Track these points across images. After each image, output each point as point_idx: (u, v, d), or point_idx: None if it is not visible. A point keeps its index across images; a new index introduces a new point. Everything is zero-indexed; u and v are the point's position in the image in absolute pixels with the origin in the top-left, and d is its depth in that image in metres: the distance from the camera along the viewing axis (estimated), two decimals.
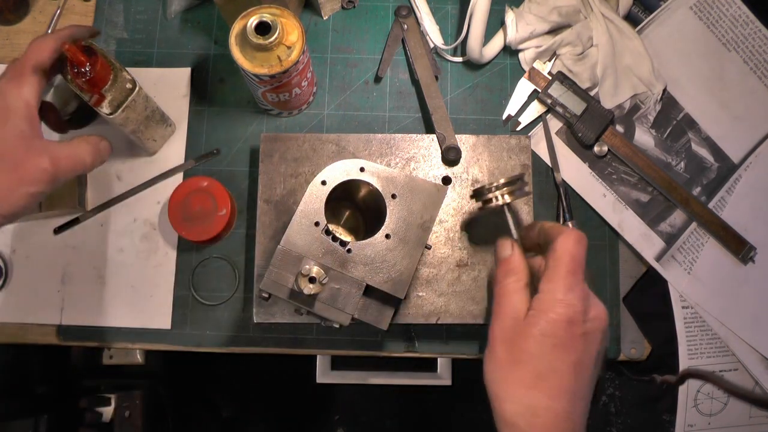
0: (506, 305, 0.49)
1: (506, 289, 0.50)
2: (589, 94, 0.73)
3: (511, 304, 0.49)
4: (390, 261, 0.57)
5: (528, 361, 0.46)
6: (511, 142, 0.69)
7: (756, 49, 0.76)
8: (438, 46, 0.75)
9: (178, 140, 0.74)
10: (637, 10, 0.77)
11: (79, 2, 0.79)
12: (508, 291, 0.50)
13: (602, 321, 0.48)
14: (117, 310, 0.71)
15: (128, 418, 0.94)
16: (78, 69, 0.58)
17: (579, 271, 0.47)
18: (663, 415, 0.75)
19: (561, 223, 0.72)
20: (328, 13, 0.77)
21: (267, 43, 0.60)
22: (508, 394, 0.46)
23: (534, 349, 0.46)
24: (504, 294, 0.50)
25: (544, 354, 0.45)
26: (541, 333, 0.46)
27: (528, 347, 0.46)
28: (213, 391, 1.41)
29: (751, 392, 0.67)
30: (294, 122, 0.75)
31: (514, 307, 0.49)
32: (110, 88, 0.61)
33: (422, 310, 0.65)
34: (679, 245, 0.72)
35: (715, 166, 0.75)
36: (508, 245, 0.53)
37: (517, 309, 0.48)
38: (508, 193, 0.56)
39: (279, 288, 0.55)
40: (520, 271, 0.51)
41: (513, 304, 0.49)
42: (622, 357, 0.71)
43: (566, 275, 0.47)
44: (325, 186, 0.58)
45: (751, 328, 0.72)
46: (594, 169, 0.74)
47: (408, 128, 0.75)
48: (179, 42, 0.77)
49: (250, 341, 0.70)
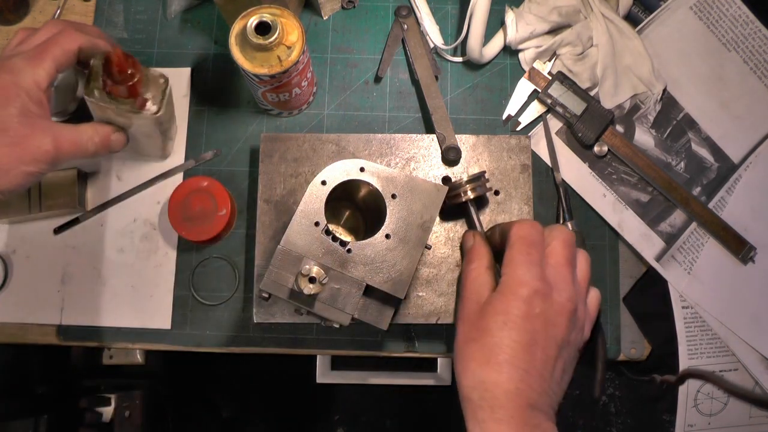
0: (469, 289, 0.52)
1: (470, 274, 0.53)
2: (589, 94, 0.73)
3: (474, 287, 0.51)
4: (390, 261, 0.57)
5: (480, 338, 0.47)
6: (511, 142, 0.69)
7: (756, 49, 0.76)
8: (438, 46, 0.75)
9: (178, 140, 0.74)
10: (637, 10, 0.77)
11: (79, 2, 0.79)
12: (471, 276, 0.52)
13: (567, 305, 0.48)
14: (117, 310, 0.71)
15: (128, 418, 0.94)
16: (119, 77, 0.56)
17: (534, 252, 0.49)
18: (663, 415, 0.75)
19: (561, 222, 0.72)
20: (328, 13, 0.77)
21: (267, 43, 0.60)
22: (464, 370, 0.47)
23: (487, 326, 0.47)
24: (468, 279, 0.52)
25: (495, 331, 0.47)
26: (494, 311, 0.48)
27: (483, 325, 0.48)
28: (213, 391, 1.42)
29: (751, 392, 0.67)
30: (294, 122, 0.75)
31: (477, 290, 0.51)
32: (147, 87, 0.59)
33: (422, 310, 0.65)
34: (679, 245, 0.72)
35: (715, 166, 0.75)
36: (470, 236, 0.58)
37: (480, 292, 0.51)
38: (471, 190, 0.63)
39: (279, 288, 0.55)
40: (482, 256, 0.54)
41: (476, 287, 0.51)
42: (622, 357, 0.71)
43: (519, 257, 0.49)
44: (325, 186, 0.58)
45: (751, 328, 0.72)
46: (594, 169, 0.74)
47: (408, 128, 0.75)
48: (179, 42, 0.77)
49: (250, 341, 0.70)
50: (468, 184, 0.63)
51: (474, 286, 0.52)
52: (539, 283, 0.48)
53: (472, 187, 0.63)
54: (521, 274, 0.48)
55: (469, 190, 0.63)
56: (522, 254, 0.49)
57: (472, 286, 0.52)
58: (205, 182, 0.69)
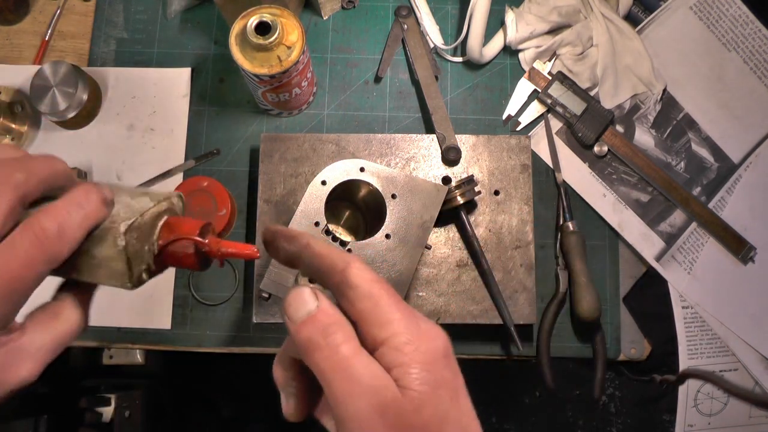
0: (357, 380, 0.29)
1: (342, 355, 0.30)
2: (589, 94, 0.73)
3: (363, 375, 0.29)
4: (390, 261, 0.57)
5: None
6: (511, 142, 0.69)
7: (756, 49, 0.76)
8: (438, 46, 0.75)
9: (178, 140, 0.74)
10: (637, 10, 0.77)
11: (79, 2, 0.79)
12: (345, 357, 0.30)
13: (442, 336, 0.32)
14: (117, 310, 0.70)
15: (128, 418, 0.94)
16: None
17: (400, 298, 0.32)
18: (663, 415, 0.75)
19: (561, 222, 0.71)
20: (328, 13, 0.77)
21: (267, 43, 0.60)
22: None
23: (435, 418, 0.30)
24: (341, 364, 0.29)
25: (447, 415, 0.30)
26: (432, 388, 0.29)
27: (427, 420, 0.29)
28: (213, 391, 1.41)
29: (751, 392, 0.67)
30: (294, 122, 0.75)
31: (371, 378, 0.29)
32: None
33: (422, 310, 0.65)
34: (679, 245, 0.72)
35: (715, 166, 0.75)
36: (306, 295, 0.32)
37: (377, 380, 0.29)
38: (460, 195, 0.62)
39: (279, 288, 0.55)
40: (344, 324, 0.31)
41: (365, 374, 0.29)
42: (622, 357, 0.71)
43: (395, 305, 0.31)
44: (325, 186, 0.58)
45: (751, 328, 0.72)
46: (594, 169, 0.74)
47: (408, 128, 0.75)
48: (179, 42, 0.77)
49: (250, 341, 0.70)
50: (457, 189, 0.63)
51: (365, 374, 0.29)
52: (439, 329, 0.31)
53: (461, 192, 0.63)
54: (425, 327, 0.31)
55: (458, 195, 0.63)
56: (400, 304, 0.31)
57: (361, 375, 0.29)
58: (205, 182, 0.68)
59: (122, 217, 0.33)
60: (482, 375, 0.48)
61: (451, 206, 0.64)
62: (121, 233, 0.33)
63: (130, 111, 0.75)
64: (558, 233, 0.71)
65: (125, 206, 0.34)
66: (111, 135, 0.75)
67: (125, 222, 0.33)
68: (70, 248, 0.31)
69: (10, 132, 0.73)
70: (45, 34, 0.77)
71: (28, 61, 0.77)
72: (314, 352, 0.30)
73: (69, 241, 0.31)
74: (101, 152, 0.74)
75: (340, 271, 0.32)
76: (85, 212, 0.32)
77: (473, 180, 0.65)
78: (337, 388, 0.29)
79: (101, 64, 0.77)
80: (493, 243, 0.66)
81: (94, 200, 0.33)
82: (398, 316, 0.30)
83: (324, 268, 0.33)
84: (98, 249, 0.33)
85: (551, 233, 0.72)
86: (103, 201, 0.33)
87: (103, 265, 0.33)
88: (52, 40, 0.78)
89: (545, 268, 0.71)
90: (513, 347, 0.68)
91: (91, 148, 0.74)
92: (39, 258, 0.30)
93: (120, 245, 0.33)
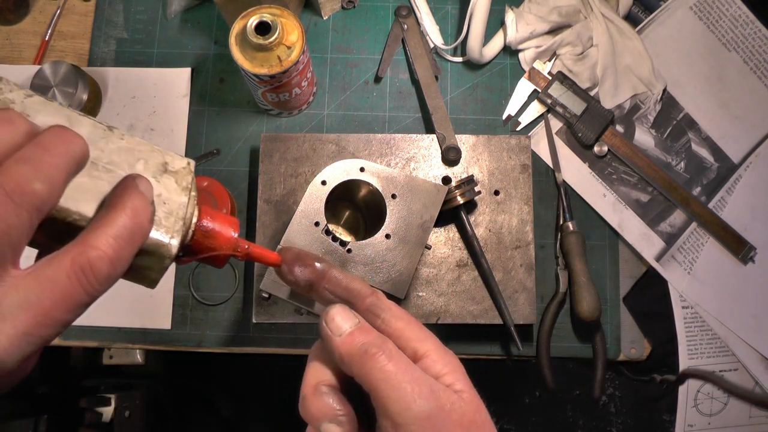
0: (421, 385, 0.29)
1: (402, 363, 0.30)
2: (589, 94, 0.73)
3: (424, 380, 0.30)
4: (390, 261, 0.57)
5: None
6: (511, 142, 0.69)
7: (756, 49, 0.76)
8: (438, 46, 0.75)
9: (178, 140, 0.74)
10: (637, 10, 0.77)
11: (79, 2, 0.79)
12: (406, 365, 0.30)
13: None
14: (117, 310, 0.70)
15: (128, 418, 0.94)
16: None
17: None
18: (663, 415, 0.75)
19: (561, 222, 0.71)
20: (328, 13, 0.77)
21: (267, 43, 0.60)
22: None
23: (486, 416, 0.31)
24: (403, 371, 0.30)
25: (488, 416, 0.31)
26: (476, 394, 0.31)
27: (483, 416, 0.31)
28: (213, 391, 1.41)
29: (751, 392, 0.67)
30: (294, 122, 0.75)
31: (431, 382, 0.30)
32: None
33: (422, 310, 0.65)
34: (679, 245, 0.72)
35: (715, 166, 0.75)
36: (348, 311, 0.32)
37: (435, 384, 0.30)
38: (460, 195, 0.62)
39: (279, 288, 0.55)
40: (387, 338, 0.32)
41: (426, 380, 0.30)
42: (622, 357, 0.71)
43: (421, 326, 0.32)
44: (325, 186, 0.58)
45: (751, 328, 0.72)
46: (594, 169, 0.74)
47: (408, 128, 0.75)
48: (179, 42, 0.77)
49: (250, 341, 0.70)
50: (457, 189, 0.64)
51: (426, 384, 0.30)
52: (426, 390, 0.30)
53: (461, 192, 0.64)
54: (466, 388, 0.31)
55: (458, 195, 0.63)
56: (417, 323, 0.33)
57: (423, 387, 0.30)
58: (205, 182, 0.68)
59: (166, 227, 0.30)
60: (482, 375, 0.48)
61: (451, 206, 0.64)
62: (172, 255, 0.30)
63: (130, 111, 0.75)
64: (558, 233, 0.72)
65: (159, 200, 0.31)
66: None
67: (175, 239, 0.30)
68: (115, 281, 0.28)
69: None
70: (45, 34, 0.77)
71: (28, 61, 0.77)
72: (369, 360, 0.30)
73: (117, 275, 0.27)
74: None
75: (370, 295, 0.33)
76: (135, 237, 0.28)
77: (473, 180, 0.65)
78: (399, 393, 0.29)
79: (101, 64, 0.77)
80: (493, 243, 0.66)
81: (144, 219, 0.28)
82: (428, 333, 0.32)
83: (352, 294, 0.34)
84: (139, 259, 0.29)
85: (551, 233, 0.72)
86: (151, 219, 0.29)
87: (138, 271, 0.31)
88: (52, 40, 0.78)
89: (545, 268, 0.71)
90: (513, 347, 0.68)
91: None
92: (84, 300, 0.26)
93: (167, 264, 0.30)
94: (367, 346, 0.30)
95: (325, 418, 0.31)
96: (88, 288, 0.26)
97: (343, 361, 0.31)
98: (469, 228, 0.64)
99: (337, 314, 0.32)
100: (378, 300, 0.33)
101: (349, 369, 0.31)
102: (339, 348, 0.31)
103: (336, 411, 0.31)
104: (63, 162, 0.26)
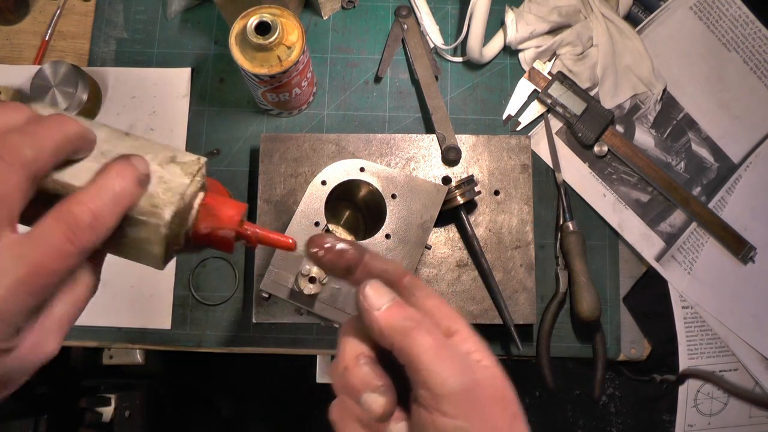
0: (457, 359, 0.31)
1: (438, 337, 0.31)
2: (589, 94, 0.73)
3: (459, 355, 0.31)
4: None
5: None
6: (511, 142, 0.69)
7: (756, 49, 0.76)
8: (438, 46, 0.75)
9: (178, 140, 0.74)
10: (637, 10, 0.77)
11: (79, 2, 0.79)
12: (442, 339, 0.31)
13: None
14: (117, 310, 0.70)
15: (128, 418, 0.94)
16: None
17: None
18: (663, 415, 0.75)
19: (561, 222, 0.71)
20: (328, 13, 0.77)
21: (267, 43, 0.60)
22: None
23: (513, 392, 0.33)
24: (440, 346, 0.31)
25: None
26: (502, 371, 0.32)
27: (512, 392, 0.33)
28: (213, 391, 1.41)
29: (751, 392, 0.67)
30: (294, 122, 0.75)
31: (465, 357, 0.32)
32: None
33: None
34: (679, 245, 0.72)
35: (715, 166, 0.75)
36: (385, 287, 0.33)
37: (469, 359, 0.32)
38: (460, 195, 0.63)
39: (279, 288, 0.55)
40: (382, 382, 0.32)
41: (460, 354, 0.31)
42: (622, 357, 0.71)
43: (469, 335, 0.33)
44: (325, 186, 0.58)
45: (751, 328, 0.71)
46: (594, 169, 0.74)
47: (408, 128, 0.75)
48: (179, 42, 0.77)
49: (250, 341, 0.70)
50: (457, 189, 0.64)
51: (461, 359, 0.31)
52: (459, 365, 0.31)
53: (461, 192, 0.64)
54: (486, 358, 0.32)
55: (458, 195, 0.64)
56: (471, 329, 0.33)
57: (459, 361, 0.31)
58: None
59: (163, 199, 0.31)
60: None
61: (451, 206, 0.64)
62: (166, 222, 0.31)
63: (130, 111, 0.75)
64: (558, 233, 0.71)
65: (159, 180, 0.32)
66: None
67: (169, 208, 0.31)
68: (104, 237, 0.30)
69: None
70: (45, 34, 0.77)
71: (28, 61, 0.77)
72: (410, 333, 0.31)
73: (103, 230, 0.30)
74: None
75: (405, 275, 0.35)
76: (120, 196, 0.30)
77: (473, 180, 0.65)
78: (440, 366, 0.30)
79: (101, 64, 0.77)
80: (493, 243, 0.66)
81: (129, 182, 0.31)
82: (459, 313, 0.34)
83: (389, 275, 0.35)
84: (135, 231, 0.31)
85: (551, 233, 0.72)
86: (138, 180, 0.31)
87: (139, 246, 0.32)
88: (52, 40, 0.78)
89: (545, 268, 0.71)
90: (513, 347, 0.68)
91: None
92: (71, 250, 0.28)
93: (162, 233, 0.31)
94: (407, 320, 0.31)
95: (368, 388, 0.31)
96: (71, 237, 0.28)
97: (382, 334, 0.31)
98: (469, 228, 0.64)
99: (374, 289, 0.33)
100: (413, 279, 0.35)
101: (388, 341, 0.31)
102: (379, 321, 0.32)
103: (377, 382, 0.32)
104: (54, 135, 0.29)
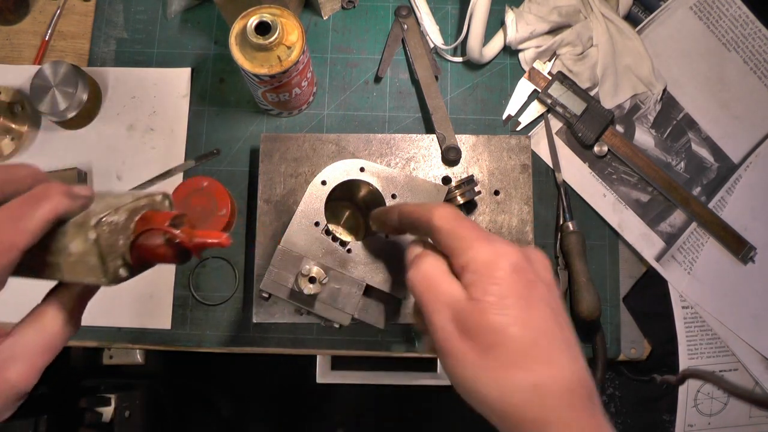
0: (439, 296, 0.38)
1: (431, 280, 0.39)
2: (589, 94, 0.73)
3: (443, 292, 0.38)
4: (390, 261, 0.56)
5: (501, 337, 0.36)
6: (511, 142, 0.69)
7: (756, 49, 0.76)
8: (438, 46, 0.75)
9: (178, 140, 0.74)
10: (637, 10, 0.77)
11: (79, 2, 0.79)
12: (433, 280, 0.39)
13: (545, 259, 0.40)
14: (117, 310, 0.70)
15: (128, 418, 0.94)
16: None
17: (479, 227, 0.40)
18: (663, 415, 0.75)
19: (561, 222, 0.71)
20: (328, 13, 0.77)
21: (267, 43, 0.60)
22: (500, 390, 0.35)
23: (500, 321, 0.36)
24: (430, 286, 0.39)
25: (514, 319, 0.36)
26: (498, 297, 0.36)
27: (491, 322, 0.36)
28: (213, 391, 1.41)
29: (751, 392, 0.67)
30: (294, 122, 0.75)
31: (450, 293, 0.38)
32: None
33: None
34: (679, 245, 0.72)
35: (715, 166, 0.75)
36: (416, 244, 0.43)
37: (454, 294, 0.38)
38: (460, 195, 0.63)
39: (279, 288, 0.55)
40: (431, 256, 0.41)
41: (446, 291, 0.38)
42: (622, 357, 0.71)
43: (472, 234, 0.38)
44: (325, 186, 0.58)
45: (751, 328, 0.72)
46: (594, 169, 0.74)
47: (408, 128, 0.75)
48: (179, 42, 0.77)
49: (250, 341, 0.70)
50: (457, 189, 0.64)
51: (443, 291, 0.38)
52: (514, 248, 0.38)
53: (461, 192, 0.64)
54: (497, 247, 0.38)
55: (458, 195, 0.64)
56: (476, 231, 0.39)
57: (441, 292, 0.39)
58: (205, 182, 0.68)
59: (96, 212, 0.34)
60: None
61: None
62: (91, 226, 0.33)
63: (130, 111, 0.75)
64: (558, 233, 0.72)
65: (104, 204, 0.35)
66: (111, 135, 0.75)
67: (96, 216, 0.33)
68: (27, 239, 0.32)
69: (9, 132, 0.73)
70: (45, 34, 0.77)
71: (28, 61, 0.77)
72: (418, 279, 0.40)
73: (25, 230, 0.32)
74: (101, 152, 0.74)
75: (427, 220, 0.41)
76: (41, 202, 0.33)
77: (473, 180, 0.65)
78: (425, 305, 0.39)
79: (101, 64, 0.77)
80: None
81: (54, 193, 0.33)
82: (475, 245, 0.38)
83: (417, 224, 0.42)
84: (73, 244, 0.34)
85: (551, 233, 0.72)
86: (66, 193, 0.34)
87: (79, 260, 0.34)
88: (52, 40, 0.78)
89: None
90: None
91: (91, 149, 0.74)
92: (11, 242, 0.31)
93: (91, 238, 0.33)
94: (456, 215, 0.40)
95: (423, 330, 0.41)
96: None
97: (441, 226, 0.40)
98: None
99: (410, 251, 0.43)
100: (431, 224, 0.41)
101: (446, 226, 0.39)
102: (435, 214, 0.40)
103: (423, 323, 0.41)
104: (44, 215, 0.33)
